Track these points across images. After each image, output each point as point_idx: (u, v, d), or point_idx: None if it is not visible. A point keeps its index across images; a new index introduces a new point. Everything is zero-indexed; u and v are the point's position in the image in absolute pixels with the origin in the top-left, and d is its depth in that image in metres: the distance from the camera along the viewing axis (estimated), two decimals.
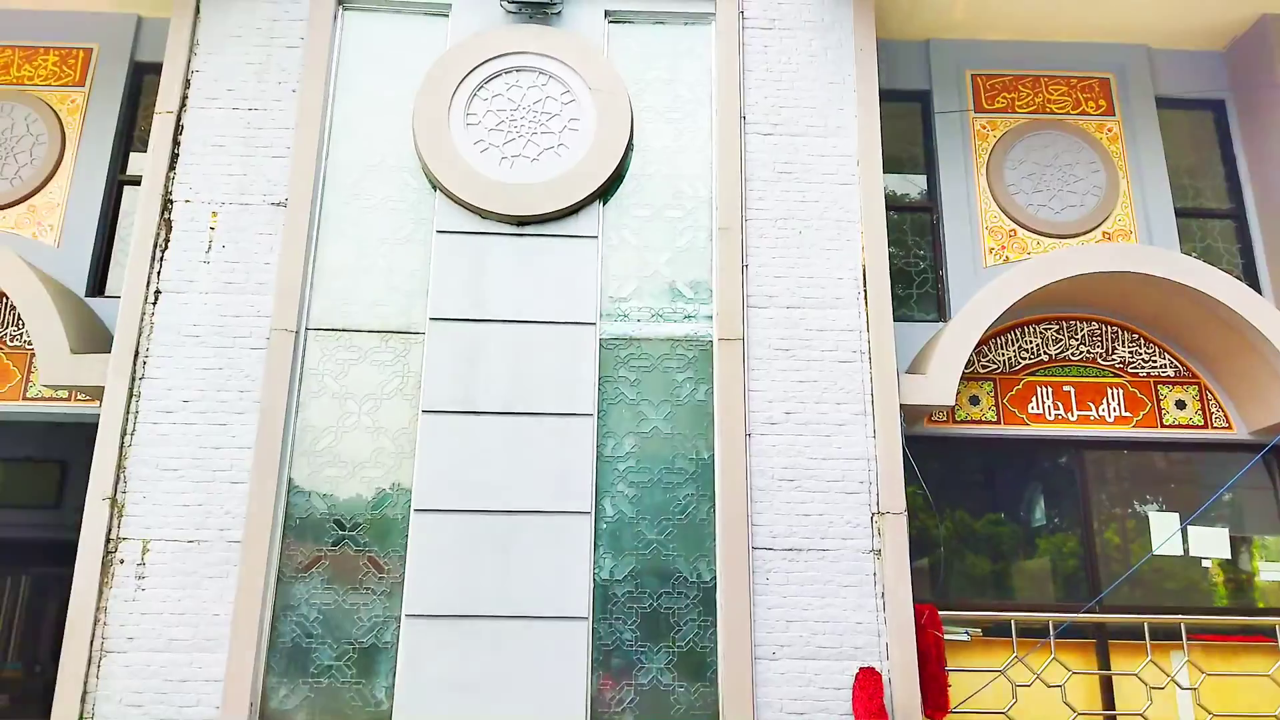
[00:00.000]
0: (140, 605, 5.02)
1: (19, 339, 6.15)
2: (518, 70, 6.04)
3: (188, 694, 4.93)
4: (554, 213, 5.77)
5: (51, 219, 6.47)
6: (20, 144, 6.60)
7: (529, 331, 5.59)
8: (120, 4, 6.75)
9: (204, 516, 5.16)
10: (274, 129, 5.79)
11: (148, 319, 5.41)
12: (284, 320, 5.46)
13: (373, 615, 5.16)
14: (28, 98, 6.68)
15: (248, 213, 5.64)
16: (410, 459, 5.38)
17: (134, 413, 5.27)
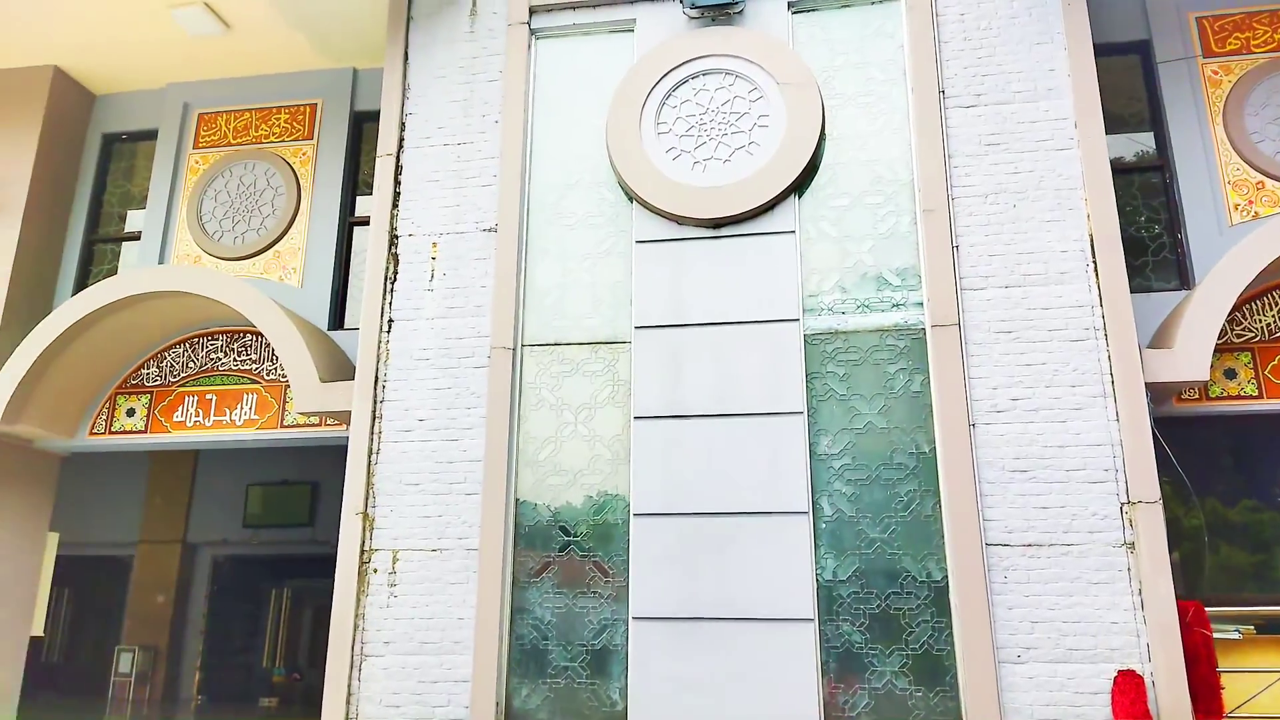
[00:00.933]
0: (393, 611, 5.42)
1: (275, 373, 6.83)
2: (704, 74, 6.07)
3: (439, 694, 5.27)
4: (749, 212, 5.74)
5: (294, 262, 7.15)
6: (263, 197, 7.35)
7: (731, 333, 5.58)
8: (338, 60, 7.39)
9: (444, 526, 5.51)
10: (481, 160, 6.12)
11: (384, 346, 5.86)
12: (501, 339, 5.75)
13: (601, 618, 5.32)
14: (266, 154, 7.43)
15: (463, 240, 5.99)
16: (625, 465, 5.51)
17: (377, 433, 5.72)
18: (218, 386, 6.89)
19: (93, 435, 6.99)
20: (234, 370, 6.92)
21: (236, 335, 6.98)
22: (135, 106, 7.84)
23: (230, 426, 6.79)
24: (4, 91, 7.43)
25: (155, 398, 6.95)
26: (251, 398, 6.81)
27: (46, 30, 7.08)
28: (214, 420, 6.80)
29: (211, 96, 7.62)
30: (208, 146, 7.54)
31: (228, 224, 7.29)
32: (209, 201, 7.37)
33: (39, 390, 6.55)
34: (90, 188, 7.72)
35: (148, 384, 7.01)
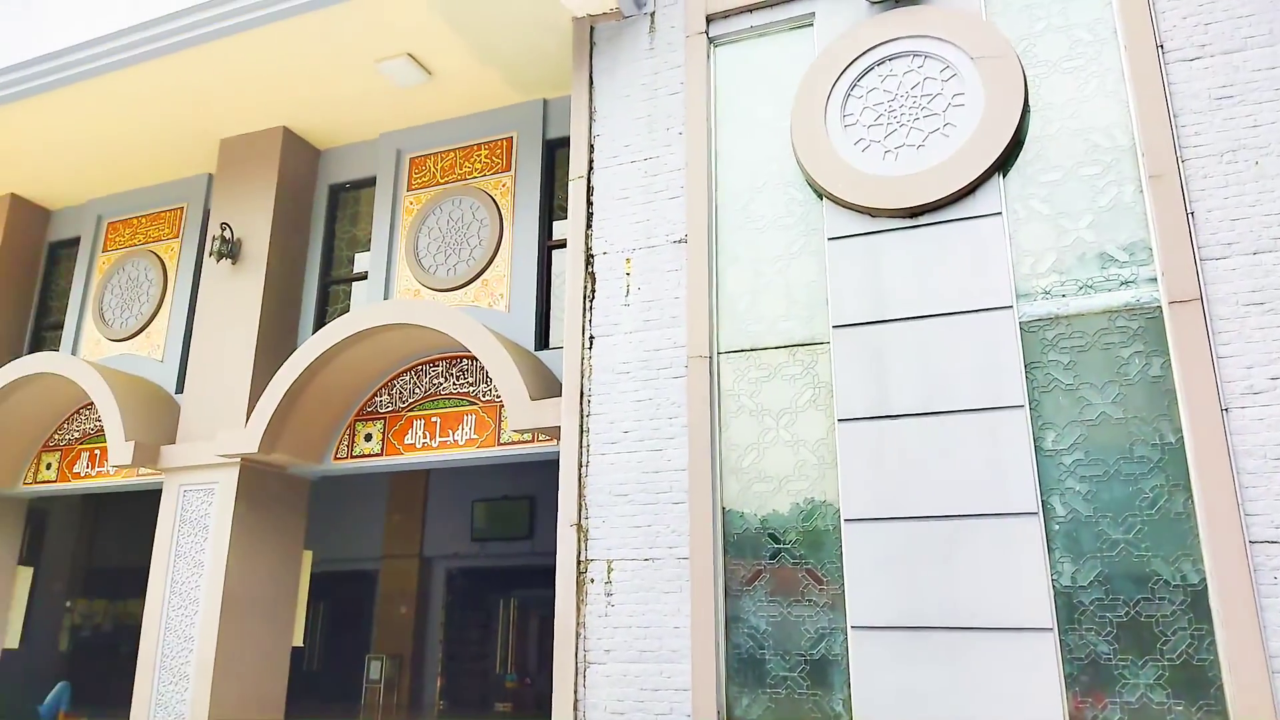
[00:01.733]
0: (612, 620, 5.55)
1: (490, 394, 7.21)
2: (889, 59, 5.84)
3: (661, 702, 5.33)
4: (948, 197, 5.45)
5: (500, 289, 7.54)
6: (469, 229, 7.80)
7: (938, 325, 5.31)
8: (528, 93, 7.75)
9: (654, 536, 5.59)
10: (667, 173, 6.20)
11: (587, 362, 6.05)
12: (697, 348, 5.77)
13: (819, 627, 5.19)
14: (470, 189, 7.89)
15: (655, 254, 6.09)
16: (832, 469, 5.36)
17: (585, 446, 5.90)
18: (441, 409, 7.37)
19: (337, 460, 7.66)
20: (454, 393, 7.38)
21: (455, 360, 7.44)
22: (355, 157, 8.58)
23: (454, 446, 7.23)
24: (244, 154, 8.34)
25: (388, 423, 7.54)
26: (471, 418, 7.23)
27: (275, 96, 7.88)
28: (440, 441, 7.28)
29: (419, 141, 8.20)
30: (419, 187, 8.12)
31: (440, 258, 7.81)
32: (424, 238, 7.92)
33: (289, 421, 7.26)
34: (322, 234, 8.50)
35: (381, 410, 7.61)
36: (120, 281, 9.10)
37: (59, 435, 8.91)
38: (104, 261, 9.32)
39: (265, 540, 7.47)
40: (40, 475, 8.88)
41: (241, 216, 8.14)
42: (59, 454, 8.84)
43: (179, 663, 7.00)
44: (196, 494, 7.40)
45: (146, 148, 8.64)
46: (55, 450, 8.87)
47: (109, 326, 8.99)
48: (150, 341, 8.74)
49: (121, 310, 9.00)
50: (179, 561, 7.27)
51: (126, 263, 9.14)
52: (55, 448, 8.89)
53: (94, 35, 7.30)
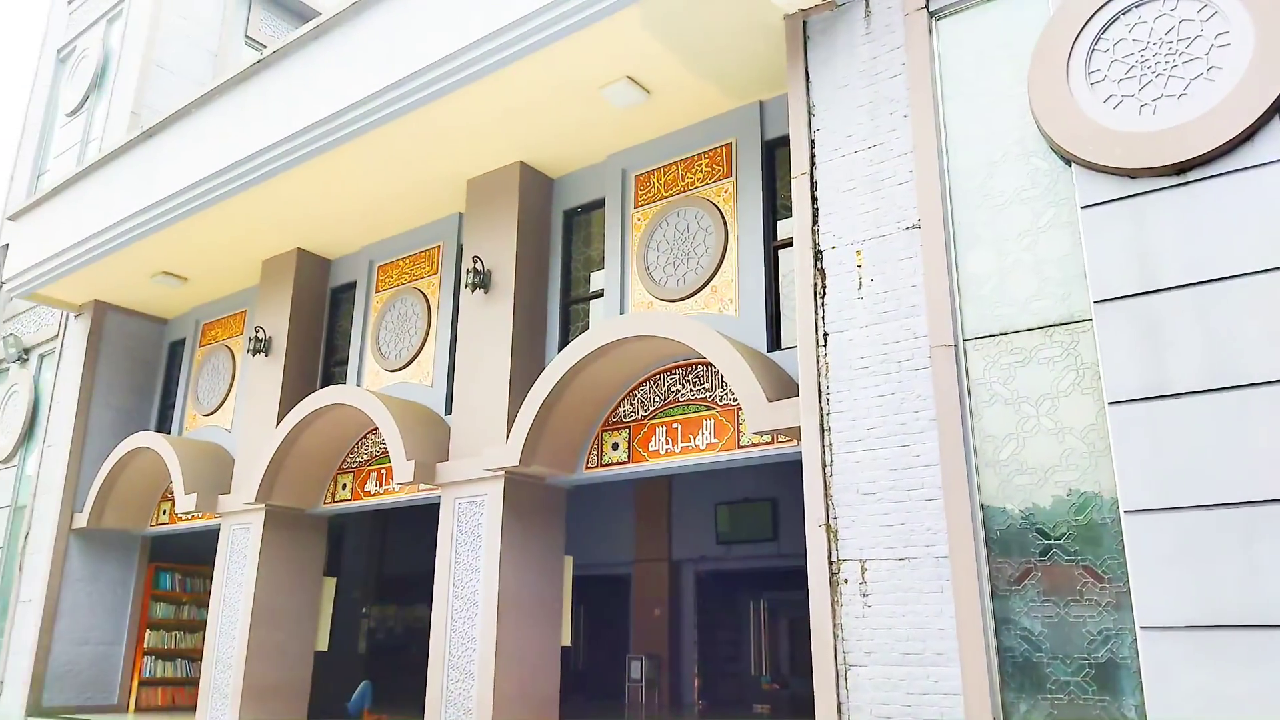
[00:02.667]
0: (870, 621, 5.43)
1: (727, 398, 7.30)
2: (1137, 6, 5.32)
3: (929, 707, 5.14)
4: (1220, 148, 4.87)
5: (729, 294, 7.62)
6: (695, 239, 7.95)
7: (1219, 291, 4.74)
8: (744, 97, 7.79)
9: (908, 534, 5.41)
10: (894, 158, 6.00)
11: (822, 360, 5.98)
12: (940, 336, 5.53)
13: (1102, 628, 4.79)
14: (694, 199, 8.05)
15: (886, 243, 5.91)
16: (1106, 457, 4.93)
17: (828, 445, 5.82)
18: (681, 416, 7.56)
19: (588, 469, 8.06)
20: (692, 399, 7.54)
21: (690, 367, 7.61)
22: (584, 181, 9.01)
23: (695, 451, 7.39)
24: (488, 191, 9.00)
25: (632, 431, 7.84)
26: (710, 423, 7.36)
27: (510, 134, 8.45)
28: (681, 446, 7.47)
29: (642, 158, 8.48)
30: (645, 203, 8.39)
31: (670, 269, 8.02)
32: (653, 252, 8.17)
33: (544, 435, 7.74)
34: (560, 258, 9.00)
35: (625, 420, 7.93)
36: (392, 318, 10.11)
37: (350, 458, 10.02)
38: (377, 301, 10.40)
39: (530, 547, 7.99)
40: (338, 495, 10.04)
41: (490, 248, 8.79)
42: (352, 475, 9.94)
43: (464, 661, 7.64)
44: (469, 505, 8.06)
45: (405, 196, 9.56)
46: (349, 472, 9.99)
47: (385, 359, 10.01)
48: (421, 369, 9.64)
49: (395, 343, 9.99)
50: (459, 568, 7.94)
51: (396, 300, 10.15)
52: (348, 470, 10.01)
53: (354, 99, 8.20)
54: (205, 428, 11.87)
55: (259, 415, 10.49)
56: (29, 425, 13.52)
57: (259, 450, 9.91)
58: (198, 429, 11.98)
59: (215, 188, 9.60)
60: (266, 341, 10.67)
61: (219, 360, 12.04)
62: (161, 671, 12.17)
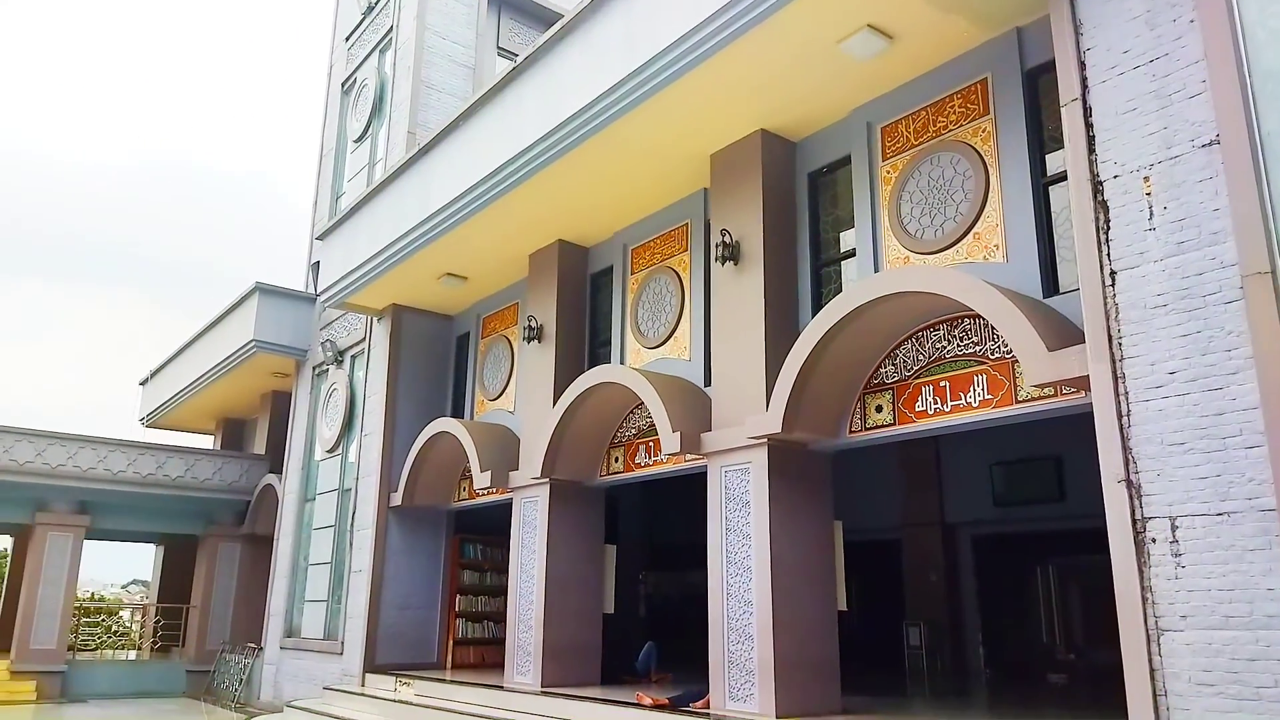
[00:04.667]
0: (1184, 584, 4.95)
1: (998, 351, 6.90)
2: None
3: (1262, 674, 4.62)
4: None
5: (994, 239, 7.18)
6: (952, 185, 7.56)
7: None
8: (998, 27, 7.27)
9: (1225, 487, 4.86)
10: (1181, 70, 5.36)
11: (1110, 302, 5.49)
12: (1254, 264, 4.88)
13: None
14: (947, 144, 7.65)
15: (1179, 165, 5.30)
16: None
17: (1123, 394, 5.35)
18: (948, 373, 7.25)
19: (852, 433, 7.96)
20: (960, 355, 7.20)
21: (955, 321, 7.27)
22: (828, 141, 8.84)
23: (967, 409, 7.06)
24: (731, 163, 9.08)
25: (896, 392, 7.63)
26: (981, 379, 7.00)
27: (750, 103, 8.46)
28: (951, 405, 7.16)
29: (888, 108, 8.18)
30: (894, 155, 8.09)
31: (925, 220, 7.69)
32: (905, 204, 7.87)
33: (804, 401, 7.73)
34: (807, 222, 8.91)
35: (888, 381, 7.73)
36: (648, 297, 10.51)
37: (620, 433, 10.56)
38: (633, 283, 10.84)
39: (799, 512, 8.03)
40: (611, 468, 10.62)
41: (736, 220, 8.88)
42: (623, 448, 10.48)
43: (742, 624, 7.84)
44: (735, 473, 8.24)
45: (652, 178, 9.88)
46: (620, 446, 10.54)
47: (644, 337, 10.43)
48: (678, 345, 9.95)
49: (652, 321, 10.38)
50: (730, 534, 8.15)
51: (650, 280, 10.53)
52: (619, 444, 10.55)
53: (600, 90, 8.57)
54: (492, 411, 13.00)
55: (537, 397, 11.33)
56: (348, 418, 15.49)
57: (539, 429, 10.71)
58: (486, 413, 13.14)
59: (484, 192, 10.44)
60: (538, 329, 11.47)
61: (499, 349, 13.11)
62: (472, 633, 13.55)
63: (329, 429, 15.98)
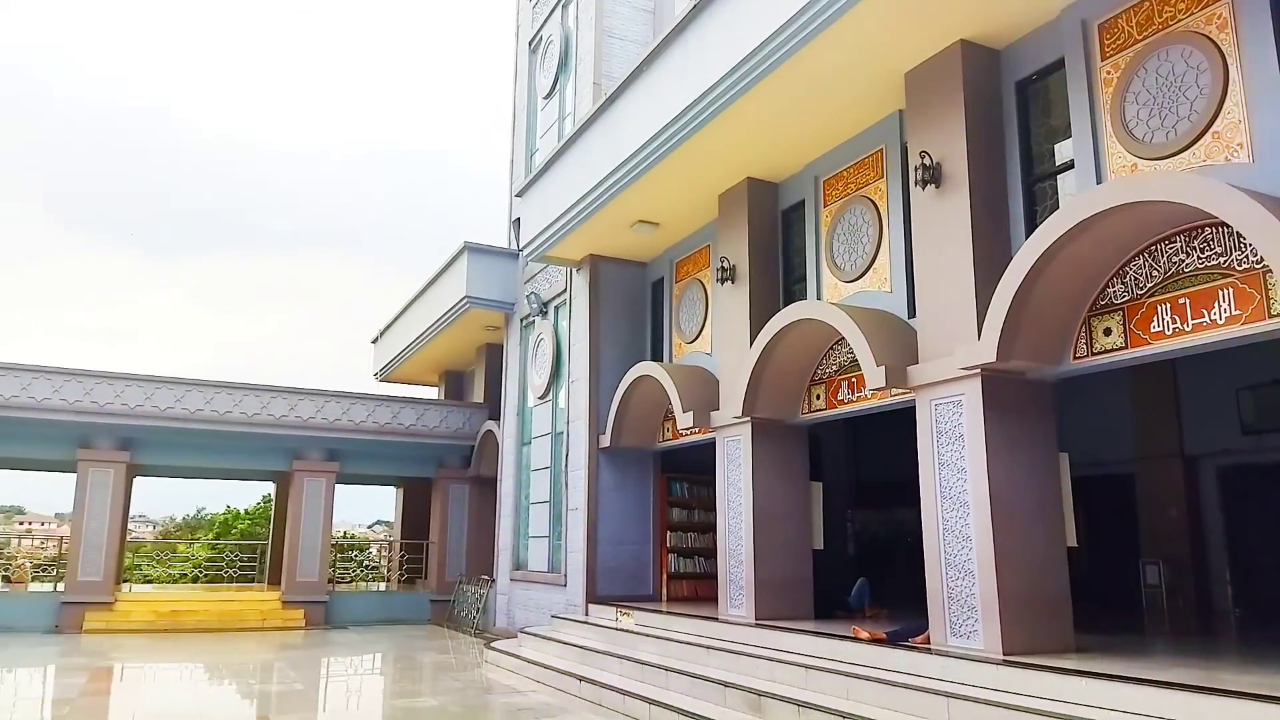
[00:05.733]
0: None
1: (1247, 262, 6.21)
2: None
3: None
4: None
5: (1236, 138, 6.42)
6: (1184, 80, 6.80)
7: None
8: None
9: None
10: None
11: None
12: None
13: None
14: (1176, 35, 6.86)
15: None
16: None
17: None
18: (1188, 289, 6.60)
19: (1077, 360, 7.45)
20: (1201, 269, 6.54)
21: (1195, 232, 6.60)
22: (1036, 45, 8.16)
23: (1210, 328, 6.42)
24: (927, 79, 8.59)
25: (1127, 313, 7.04)
26: (1227, 293, 6.33)
27: (948, 11, 7.93)
28: (1192, 324, 6.54)
29: (1104, 3, 7.43)
30: (1115, 53, 7.35)
31: (1155, 122, 6.97)
32: (1130, 107, 7.16)
33: (1020, 328, 7.31)
34: (1016, 135, 8.31)
35: (1116, 301, 7.15)
36: (843, 229, 10.23)
37: (821, 370, 10.44)
38: (826, 215, 10.58)
39: (1018, 445, 7.65)
40: (813, 405, 10.54)
41: (936, 140, 8.42)
42: (824, 385, 10.36)
43: (961, 559, 7.63)
44: (946, 407, 7.95)
45: (842, 105, 9.54)
46: (821, 383, 10.43)
47: (841, 270, 10.18)
48: (878, 276, 9.65)
49: (848, 254, 10.11)
50: (943, 469, 7.91)
51: (845, 212, 10.24)
52: (820, 381, 10.44)
53: (784, 18, 8.32)
54: (690, 354, 13.20)
55: (733, 338, 11.38)
56: (555, 366, 16.24)
57: (738, 370, 10.78)
58: (684, 355, 13.37)
59: (671, 135, 10.49)
60: (731, 270, 11.47)
61: (693, 293, 13.25)
62: (684, 568, 14.02)
63: (539, 377, 16.84)
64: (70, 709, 9.63)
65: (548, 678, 11.35)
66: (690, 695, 8.91)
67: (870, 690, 7.40)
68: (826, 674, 7.91)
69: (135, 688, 11.62)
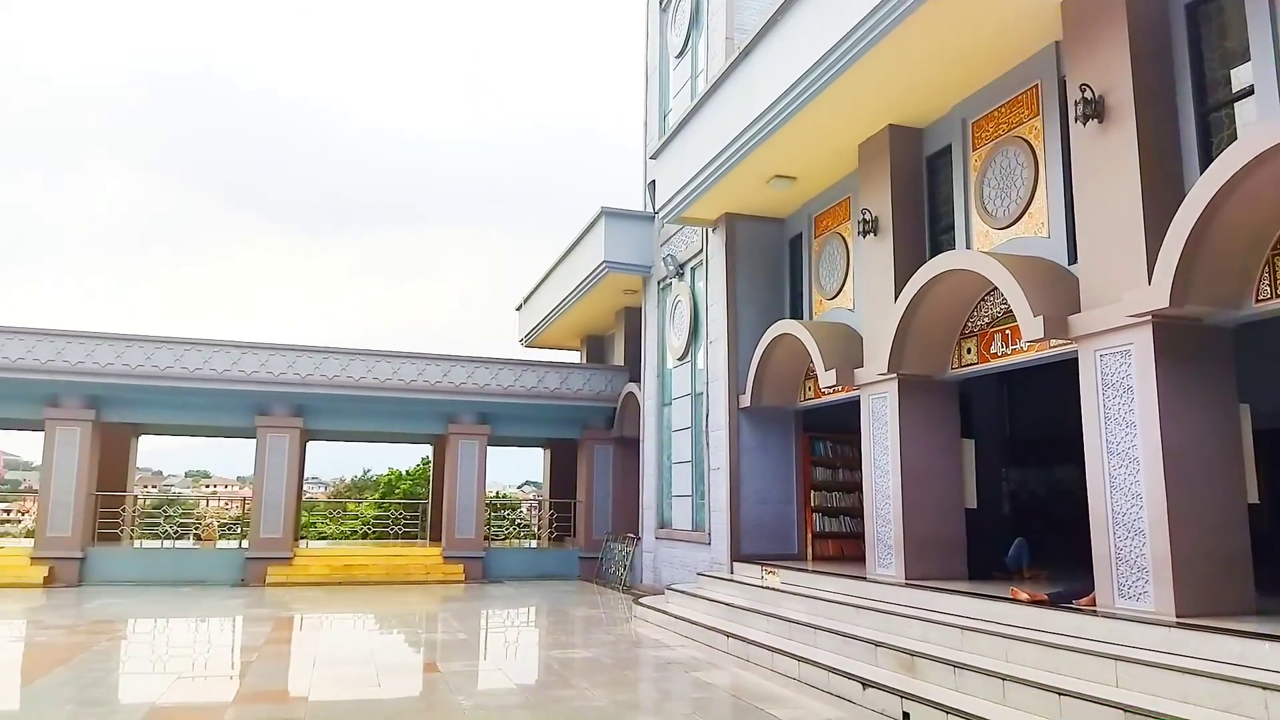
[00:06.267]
0: None
1: None
2: None
3: None
4: None
5: None
6: None
7: None
8: None
9: None
10: None
11: None
12: None
13: None
14: None
15: None
16: None
17: None
18: None
19: (1259, 303, 6.85)
20: None
21: None
22: None
23: None
24: (1087, 8, 7.99)
25: None
26: None
27: None
28: None
29: None
30: None
31: None
32: None
33: (1195, 270, 6.77)
34: (1187, 62, 7.63)
35: None
36: (994, 173, 9.72)
37: (971, 323, 10.02)
38: (975, 160, 10.08)
39: (1194, 396, 7.12)
40: (964, 360, 10.14)
41: (1097, 72, 7.84)
42: (975, 339, 9.94)
43: (1130, 519, 7.21)
44: (1112, 357, 7.48)
45: (990, 40, 9.01)
46: (972, 336, 10.01)
47: (992, 217, 9.70)
48: (1033, 221, 9.13)
49: (1000, 199, 9.61)
50: (1109, 424, 7.46)
51: (996, 154, 9.72)
52: (971, 334, 10.02)
53: None
54: (831, 310, 12.94)
55: (877, 292, 11.07)
56: (693, 327, 16.28)
57: (882, 325, 10.49)
58: (825, 312, 13.12)
59: (808, 85, 10.21)
60: (873, 222, 11.12)
61: (833, 247, 12.94)
62: (829, 527, 13.88)
63: (677, 339, 16.93)
64: (258, 655, 10.54)
65: (695, 633, 11.55)
66: (839, 654, 8.86)
67: (1031, 652, 7.15)
68: (983, 635, 7.69)
69: (315, 635, 12.58)
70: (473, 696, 8.20)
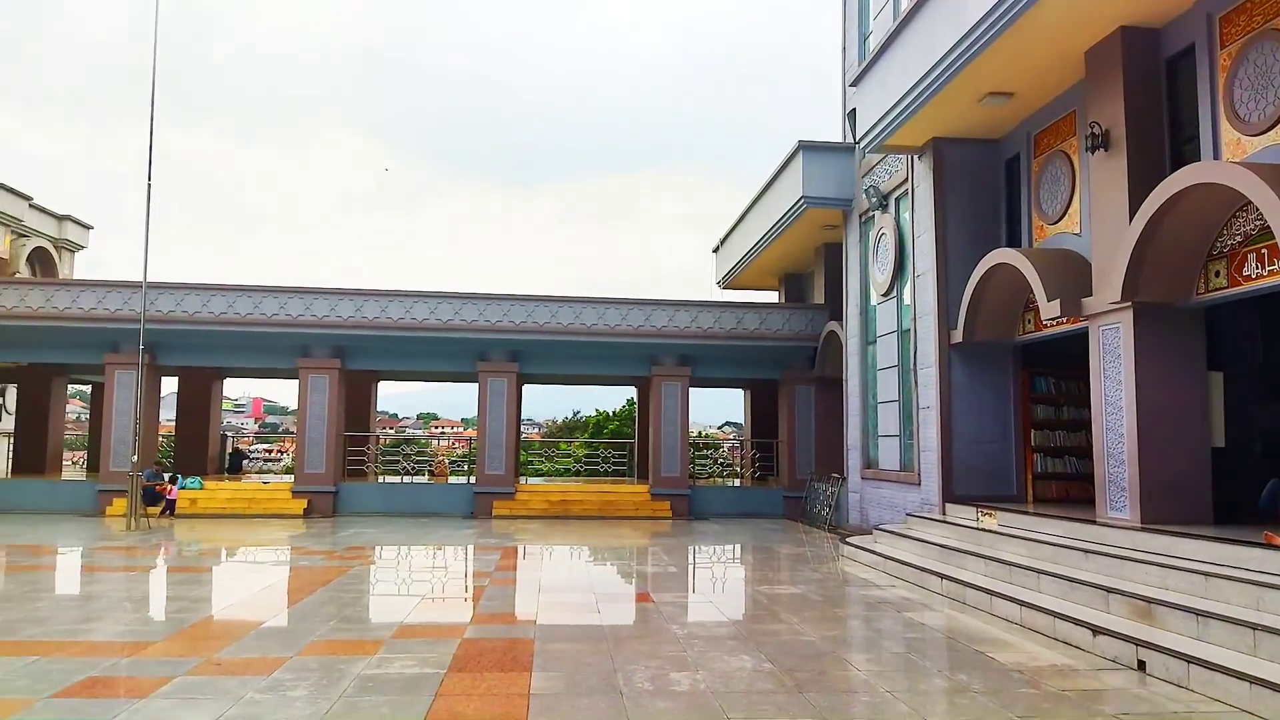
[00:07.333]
0: None
1: None
2: None
3: None
4: None
5: None
6: None
7: None
8: None
9: None
10: None
11: None
12: None
13: None
14: None
15: None
16: None
17: None
18: None
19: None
20: None
21: None
22: None
23: None
24: None
25: None
26: None
27: None
28: None
29: None
30: None
31: None
32: None
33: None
34: None
35: None
36: (1249, 70, 8.58)
37: (1220, 242, 8.98)
38: (1224, 58, 8.92)
39: None
40: (1211, 284, 9.13)
41: None
42: (1225, 260, 8.91)
43: None
44: None
45: None
46: (1220, 258, 8.98)
47: (1245, 123, 8.59)
48: None
49: (1256, 102, 8.48)
50: None
51: (1250, 50, 8.56)
52: (1219, 255, 8.99)
53: None
54: (1053, 236, 12.02)
55: (1108, 213, 10.14)
56: (898, 261, 15.66)
57: (1115, 249, 9.63)
58: (1046, 238, 12.20)
59: None
60: (1104, 135, 10.15)
61: (1056, 167, 11.96)
62: (1051, 467, 13.08)
63: (881, 273, 16.36)
64: (489, 580, 11.42)
65: (905, 573, 11.33)
66: (1065, 599, 8.42)
67: None
68: (1231, 583, 7.05)
69: (538, 564, 13.45)
70: (685, 626, 8.50)
